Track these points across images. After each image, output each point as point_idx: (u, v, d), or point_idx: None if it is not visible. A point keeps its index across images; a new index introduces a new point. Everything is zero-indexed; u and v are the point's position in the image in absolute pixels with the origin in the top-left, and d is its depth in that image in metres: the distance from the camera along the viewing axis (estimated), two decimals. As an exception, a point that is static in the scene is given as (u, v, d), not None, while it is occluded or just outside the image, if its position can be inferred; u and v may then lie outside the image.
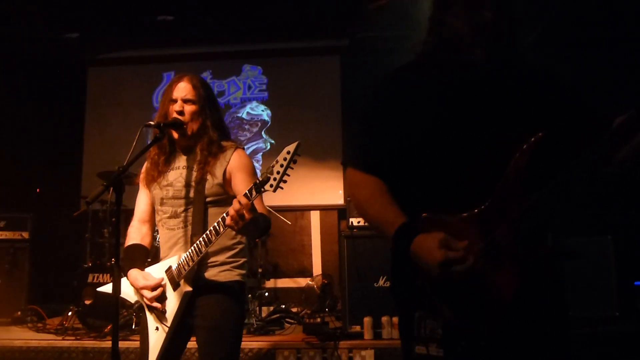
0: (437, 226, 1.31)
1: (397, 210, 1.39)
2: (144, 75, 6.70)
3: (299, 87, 6.38)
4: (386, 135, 1.46)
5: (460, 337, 1.27)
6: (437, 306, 1.30)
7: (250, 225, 1.83)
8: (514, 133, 1.30)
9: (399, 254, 1.35)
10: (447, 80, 1.41)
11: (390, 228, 1.36)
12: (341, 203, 6.03)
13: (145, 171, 2.30)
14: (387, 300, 3.71)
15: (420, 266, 1.29)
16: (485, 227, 1.28)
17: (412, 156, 1.42)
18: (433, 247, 1.25)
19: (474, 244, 1.27)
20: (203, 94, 2.21)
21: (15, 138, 6.12)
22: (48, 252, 5.61)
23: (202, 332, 2.10)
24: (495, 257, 1.26)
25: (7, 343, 4.00)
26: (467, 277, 1.25)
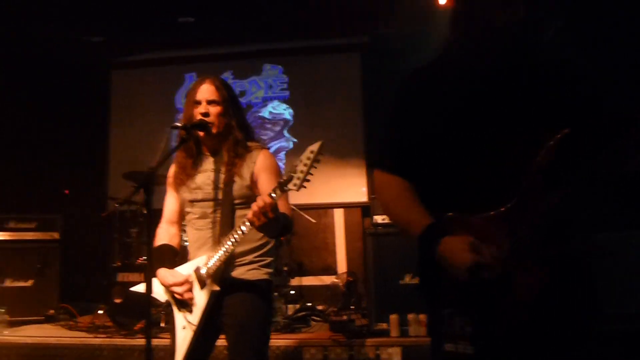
0: (461, 226, 1.31)
1: (422, 211, 1.39)
2: (166, 76, 6.78)
3: (320, 85, 6.38)
4: (411, 136, 1.46)
5: (490, 334, 1.27)
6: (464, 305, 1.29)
7: (272, 224, 1.84)
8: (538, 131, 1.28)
9: (425, 255, 1.35)
10: (472, 79, 1.40)
11: (416, 229, 1.36)
12: (364, 200, 6.01)
13: (173, 175, 2.34)
14: (413, 298, 3.65)
15: (446, 268, 1.29)
16: (511, 227, 1.27)
17: (437, 156, 1.41)
18: (462, 250, 1.25)
19: (499, 244, 1.26)
20: (226, 95, 2.24)
21: (44, 141, 6.27)
22: (78, 252, 5.73)
23: (230, 330, 2.13)
24: (520, 257, 1.25)
25: (42, 340, 4.11)
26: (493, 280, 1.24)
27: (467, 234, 1.28)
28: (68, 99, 6.49)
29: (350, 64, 6.36)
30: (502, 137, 1.34)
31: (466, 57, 1.42)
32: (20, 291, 4.89)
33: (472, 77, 1.40)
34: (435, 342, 1.40)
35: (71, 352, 4.02)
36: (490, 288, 1.25)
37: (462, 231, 1.30)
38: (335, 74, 6.37)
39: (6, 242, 4.96)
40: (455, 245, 1.27)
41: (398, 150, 1.49)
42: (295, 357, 3.72)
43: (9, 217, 5.03)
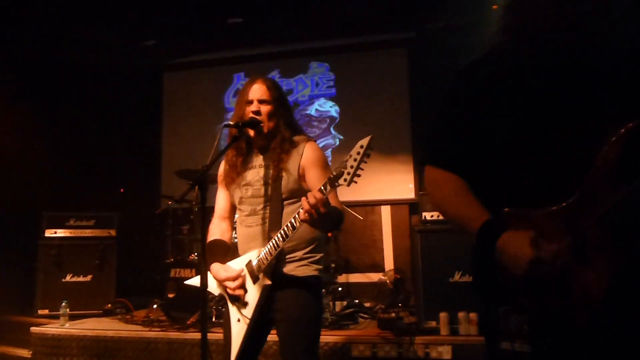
0: (520, 221, 1.27)
1: (480, 207, 1.35)
2: (215, 77, 6.94)
3: (367, 82, 6.36)
4: (465, 131, 1.42)
5: (548, 333, 1.23)
6: (521, 302, 1.26)
7: (324, 219, 1.86)
8: (601, 124, 1.23)
9: (482, 251, 1.32)
10: (529, 72, 1.36)
11: (473, 225, 1.32)
12: (412, 197, 5.96)
13: (224, 173, 2.39)
14: (463, 296, 3.64)
15: (504, 264, 1.26)
16: (572, 222, 1.22)
17: (493, 151, 1.38)
18: (523, 244, 1.21)
19: (559, 240, 1.22)
20: (276, 95, 2.28)
21: (100, 143, 6.53)
22: (133, 248, 5.94)
23: (282, 326, 2.16)
24: (583, 254, 1.21)
25: (101, 333, 4.29)
26: (554, 277, 1.21)
27: (524, 230, 1.25)
28: (123, 102, 6.75)
29: (397, 59, 6.30)
30: (562, 131, 1.30)
31: (523, 51, 1.38)
32: (80, 286, 5.12)
33: (533, 70, 1.35)
34: (490, 341, 1.37)
35: (128, 345, 4.18)
36: (550, 286, 1.22)
37: (520, 227, 1.26)
38: (382, 70, 6.33)
39: (67, 239, 5.20)
40: (516, 240, 1.23)
41: (452, 145, 1.45)
42: (343, 353, 3.73)
43: (69, 216, 5.27)
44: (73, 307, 4.72)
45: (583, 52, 1.33)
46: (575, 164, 1.25)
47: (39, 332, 4.43)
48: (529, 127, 1.33)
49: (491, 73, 1.42)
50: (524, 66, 1.37)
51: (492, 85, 1.39)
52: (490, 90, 1.39)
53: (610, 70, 1.32)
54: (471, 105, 1.42)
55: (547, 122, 1.32)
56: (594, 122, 1.27)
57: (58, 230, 5.20)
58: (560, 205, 1.24)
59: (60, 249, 5.13)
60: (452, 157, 1.44)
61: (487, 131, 1.38)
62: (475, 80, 1.45)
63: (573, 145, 1.28)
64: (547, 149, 1.31)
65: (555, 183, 1.28)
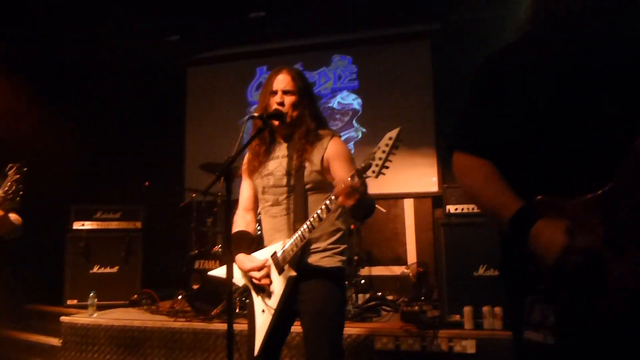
0: (552, 209, 1.25)
1: (513, 194, 1.33)
2: (238, 71, 6.98)
3: (390, 74, 6.32)
4: (496, 116, 1.40)
5: (576, 325, 1.21)
6: (553, 292, 1.24)
7: (359, 204, 1.84)
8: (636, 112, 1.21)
9: (515, 238, 1.30)
10: (560, 58, 1.33)
11: (506, 212, 1.30)
12: (435, 190, 5.91)
13: (247, 162, 2.40)
14: (487, 290, 3.61)
15: (536, 252, 1.24)
16: (607, 211, 1.20)
17: (525, 137, 1.36)
18: (557, 232, 1.20)
19: (593, 229, 1.20)
20: (301, 85, 2.27)
21: (126, 137, 6.64)
22: (158, 240, 6.03)
23: (306, 317, 2.17)
24: (618, 243, 1.19)
25: (128, 323, 4.37)
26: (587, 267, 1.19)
27: (558, 218, 1.23)
28: (148, 97, 6.85)
29: (421, 52, 6.24)
30: (596, 119, 1.28)
31: (553, 37, 1.36)
32: (107, 277, 5.22)
33: (561, 57, 1.33)
34: (515, 330, 1.36)
35: (153, 334, 4.26)
36: (583, 276, 1.20)
37: (553, 215, 1.24)
38: (405, 63, 6.28)
39: (94, 232, 5.31)
40: (550, 228, 1.22)
41: (483, 131, 1.43)
42: (366, 346, 3.74)
43: (96, 208, 5.38)
44: (100, 297, 4.81)
45: (615, 38, 1.30)
46: (610, 152, 1.22)
47: (68, 321, 4.54)
48: (562, 113, 1.31)
49: (522, 59, 1.40)
50: (555, 52, 1.35)
51: (522, 71, 1.37)
52: (520, 76, 1.37)
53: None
54: (502, 90, 1.40)
55: (580, 109, 1.30)
56: (629, 109, 1.24)
57: (86, 223, 5.31)
58: (595, 193, 1.22)
59: (87, 241, 5.23)
60: (483, 142, 1.42)
61: (518, 117, 1.36)
62: (505, 66, 1.43)
63: (607, 133, 1.26)
64: (581, 136, 1.29)
65: (588, 171, 1.26)
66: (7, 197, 2.46)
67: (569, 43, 1.34)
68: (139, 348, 4.28)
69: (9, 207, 2.54)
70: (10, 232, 2.68)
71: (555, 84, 1.33)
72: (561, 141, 1.31)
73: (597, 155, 1.27)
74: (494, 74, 1.44)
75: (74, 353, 4.45)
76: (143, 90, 6.81)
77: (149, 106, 6.89)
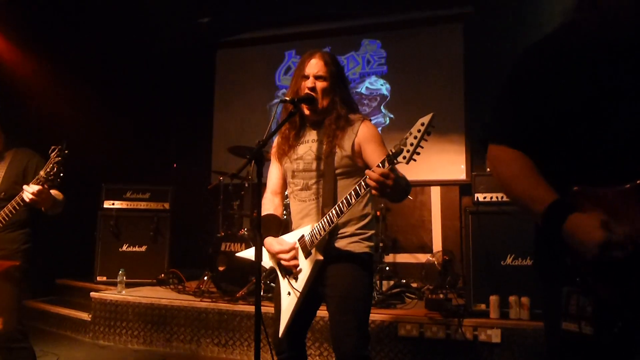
0: (590, 200, 1.22)
1: (548, 187, 1.30)
2: (267, 54, 6.97)
3: (419, 60, 6.23)
4: (534, 107, 1.37)
5: (616, 316, 1.19)
6: (590, 284, 1.21)
7: (394, 188, 1.81)
8: None
9: (548, 232, 1.28)
10: (600, 48, 1.30)
11: (539, 205, 1.28)
12: (463, 178, 5.84)
13: (277, 145, 2.40)
14: (515, 280, 3.56)
15: (572, 246, 1.22)
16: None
17: (563, 128, 1.32)
18: (593, 226, 1.17)
19: (633, 219, 1.17)
20: (334, 71, 2.24)
21: (156, 120, 6.72)
22: (185, 221, 6.13)
23: (333, 300, 2.16)
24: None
25: (156, 301, 4.47)
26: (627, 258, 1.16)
27: (596, 208, 1.20)
28: (177, 79, 6.92)
29: (452, 36, 6.13)
30: (636, 108, 1.24)
31: (597, 25, 1.31)
32: (136, 255, 5.33)
33: (604, 46, 1.30)
34: (551, 321, 1.34)
35: (180, 313, 4.35)
36: (618, 267, 1.17)
37: (590, 205, 1.22)
38: (435, 47, 6.18)
39: (124, 211, 5.42)
40: (585, 222, 1.19)
41: (518, 122, 1.40)
42: (390, 332, 3.74)
43: (126, 188, 5.48)
44: (128, 275, 4.93)
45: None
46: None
47: (98, 297, 4.67)
48: (599, 103, 1.28)
49: (561, 49, 1.36)
50: (595, 42, 1.31)
51: (561, 62, 1.34)
52: (559, 66, 1.34)
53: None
54: (538, 81, 1.37)
55: (618, 99, 1.26)
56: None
57: (116, 202, 5.42)
58: (634, 183, 1.19)
59: (117, 220, 5.35)
60: (519, 134, 1.39)
61: (555, 108, 1.33)
62: (544, 56, 1.39)
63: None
64: (619, 126, 1.26)
65: (626, 161, 1.23)
66: (49, 177, 2.62)
67: (609, 33, 1.30)
68: (165, 325, 4.38)
69: (50, 185, 2.72)
70: (52, 207, 2.83)
71: (593, 74, 1.29)
72: (599, 130, 1.28)
73: (636, 145, 1.23)
74: (534, 65, 1.41)
75: (102, 328, 4.58)
76: (173, 72, 6.88)
77: (179, 88, 6.97)
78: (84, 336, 4.70)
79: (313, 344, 3.88)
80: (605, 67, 1.29)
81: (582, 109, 1.30)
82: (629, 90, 1.27)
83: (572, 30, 1.38)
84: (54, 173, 2.61)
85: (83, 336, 4.70)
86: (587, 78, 1.29)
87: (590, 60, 1.30)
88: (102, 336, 4.57)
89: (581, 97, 1.29)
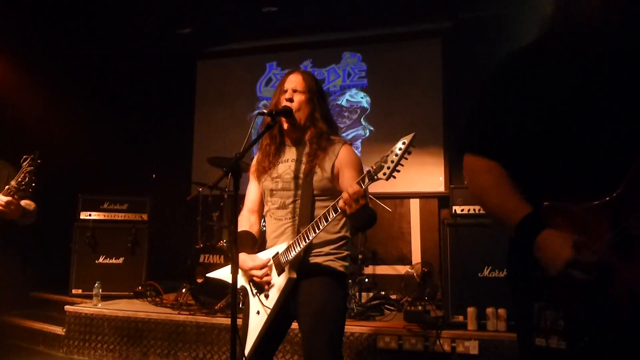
0: (560, 215, 1.25)
1: (521, 200, 1.32)
2: (248, 66, 6.98)
3: (399, 73, 6.30)
4: (507, 118, 1.38)
5: (585, 330, 1.21)
6: (559, 298, 1.23)
7: (362, 211, 1.84)
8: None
9: (521, 245, 1.30)
10: (575, 61, 1.32)
11: (513, 217, 1.30)
12: (442, 190, 5.90)
13: (257, 162, 2.39)
14: (492, 291, 3.60)
15: (541, 262, 1.23)
16: (616, 217, 1.19)
17: (535, 140, 1.35)
18: (563, 245, 1.19)
19: (602, 235, 1.19)
20: (313, 86, 2.27)
21: (135, 130, 6.66)
22: (163, 232, 6.06)
23: (305, 318, 2.13)
24: (626, 249, 1.18)
25: (132, 314, 4.40)
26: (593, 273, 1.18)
27: (567, 223, 1.22)
28: (157, 89, 6.87)
29: (431, 50, 6.22)
30: (609, 123, 1.27)
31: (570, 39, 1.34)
32: (112, 268, 5.24)
33: (579, 59, 1.32)
34: (524, 336, 1.35)
35: (157, 326, 4.29)
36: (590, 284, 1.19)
37: (561, 221, 1.24)
38: (415, 61, 6.26)
39: (100, 222, 5.33)
40: (557, 239, 1.21)
41: (494, 133, 1.41)
42: (369, 344, 3.74)
43: (103, 199, 5.40)
44: (105, 288, 4.84)
45: (632, 41, 1.28)
46: (619, 157, 1.21)
47: (73, 310, 4.58)
48: (572, 117, 1.30)
49: (536, 61, 1.38)
50: (570, 54, 1.33)
51: (536, 74, 1.36)
52: (534, 78, 1.36)
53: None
54: (514, 92, 1.39)
55: (591, 113, 1.29)
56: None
57: (92, 213, 5.33)
58: (603, 199, 1.21)
59: (94, 231, 5.26)
60: (494, 144, 1.40)
61: (529, 120, 1.35)
62: (519, 67, 1.41)
63: (617, 138, 1.25)
64: (590, 141, 1.28)
65: (597, 176, 1.25)
66: (20, 187, 2.60)
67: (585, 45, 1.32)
68: (142, 339, 4.31)
69: (21, 195, 2.69)
70: (22, 217, 2.79)
71: (568, 87, 1.32)
72: (571, 145, 1.30)
73: (607, 160, 1.25)
74: (509, 76, 1.43)
75: (77, 342, 4.48)
76: (153, 82, 6.83)
77: (158, 98, 6.92)
78: (57, 351, 4.59)
79: (292, 357, 3.86)
80: (578, 81, 1.31)
81: (554, 123, 1.32)
82: (602, 104, 1.29)
83: (546, 44, 1.40)
84: (25, 183, 2.58)
85: (57, 351, 4.59)
86: (560, 92, 1.32)
87: (564, 74, 1.32)
88: (76, 350, 4.47)
89: (553, 111, 1.32)
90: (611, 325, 1.18)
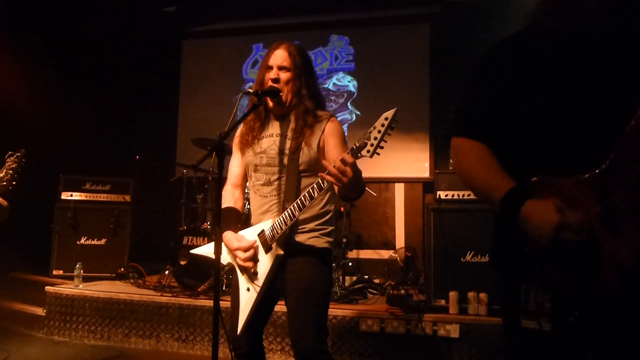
0: (548, 190, 1.26)
1: (505, 176, 1.34)
2: (234, 46, 6.88)
3: (387, 57, 6.26)
4: (495, 101, 1.40)
5: (572, 308, 1.22)
6: (549, 274, 1.24)
7: (352, 180, 1.81)
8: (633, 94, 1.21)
9: (506, 219, 1.31)
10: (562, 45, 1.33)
11: (498, 193, 1.32)
12: (427, 176, 5.92)
13: (240, 135, 2.35)
14: (473, 276, 3.64)
15: (529, 233, 1.24)
16: (602, 191, 1.21)
17: (525, 122, 1.36)
18: (548, 210, 1.20)
19: (590, 208, 1.21)
20: (299, 62, 2.22)
21: (119, 110, 6.55)
22: (147, 214, 6.01)
23: (292, 295, 2.15)
24: (614, 222, 1.19)
25: (114, 295, 4.37)
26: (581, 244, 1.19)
27: (554, 197, 1.23)
28: (142, 69, 6.75)
29: (419, 35, 6.19)
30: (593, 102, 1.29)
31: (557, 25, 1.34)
32: (94, 249, 5.18)
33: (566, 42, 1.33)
34: (510, 319, 1.37)
35: (140, 308, 4.27)
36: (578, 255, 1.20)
37: (549, 195, 1.25)
38: (403, 46, 6.23)
39: (82, 202, 5.24)
40: (540, 207, 1.22)
41: (480, 115, 1.44)
42: (351, 327, 3.77)
43: (85, 179, 5.30)
44: (87, 269, 4.80)
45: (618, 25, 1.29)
46: (605, 132, 1.23)
47: (53, 291, 4.53)
48: (559, 97, 1.32)
49: (524, 46, 1.40)
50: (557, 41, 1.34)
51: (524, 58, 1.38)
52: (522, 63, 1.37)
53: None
54: (502, 76, 1.40)
55: (577, 92, 1.30)
56: (625, 92, 1.24)
57: (74, 194, 5.25)
58: (591, 172, 1.22)
59: (75, 212, 5.18)
60: (479, 126, 1.43)
61: (518, 102, 1.36)
62: (508, 53, 1.43)
63: (603, 113, 1.27)
64: (576, 118, 1.30)
65: (584, 151, 1.27)
66: (1, 183, 2.53)
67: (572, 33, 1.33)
68: (124, 321, 4.29)
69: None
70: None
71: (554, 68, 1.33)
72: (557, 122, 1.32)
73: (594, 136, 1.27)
74: (498, 61, 1.45)
75: (57, 323, 4.45)
76: (138, 61, 6.71)
77: (143, 78, 6.81)
78: (37, 332, 4.55)
79: (275, 339, 3.87)
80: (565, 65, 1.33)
81: (544, 105, 1.33)
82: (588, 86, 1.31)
83: (535, 29, 1.42)
84: (6, 180, 2.53)
85: (37, 332, 4.55)
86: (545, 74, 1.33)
87: (551, 58, 1.34)
88: (57, 331, 4.44)
89: (542, 94, 1.33)
90: (600, 301, 1.19)
